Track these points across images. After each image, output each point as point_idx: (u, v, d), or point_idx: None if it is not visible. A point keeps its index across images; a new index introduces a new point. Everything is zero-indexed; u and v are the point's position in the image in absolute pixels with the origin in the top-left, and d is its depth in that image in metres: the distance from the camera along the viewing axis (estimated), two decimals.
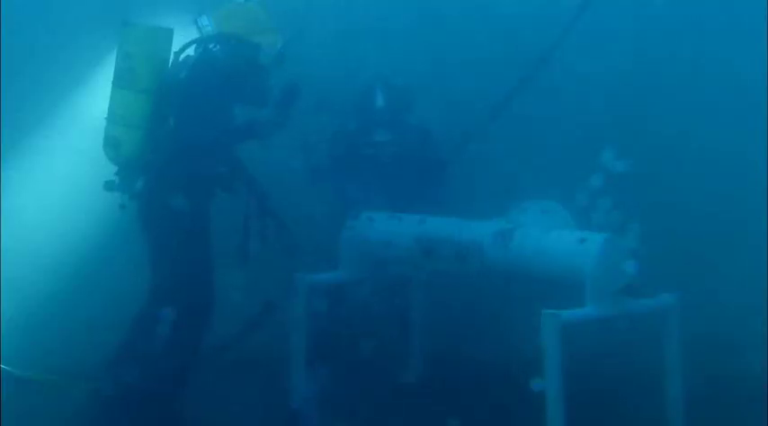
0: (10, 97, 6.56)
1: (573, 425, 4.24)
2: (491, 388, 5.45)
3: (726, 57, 6.65)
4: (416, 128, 6.28)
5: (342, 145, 6.24)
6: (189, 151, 4.71)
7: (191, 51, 4.92)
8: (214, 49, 4.89)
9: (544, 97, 6.60)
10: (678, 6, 6.71)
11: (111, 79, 4.81)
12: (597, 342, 5.22)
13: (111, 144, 4.76)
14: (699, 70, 6.74)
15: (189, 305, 4.75)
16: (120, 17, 4.83)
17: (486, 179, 6.62)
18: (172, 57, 4.88)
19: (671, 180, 6.59)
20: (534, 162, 6.69)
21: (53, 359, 5.99)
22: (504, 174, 6.62)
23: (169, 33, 4.83)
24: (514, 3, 7.00)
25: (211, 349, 5.36)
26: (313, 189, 6.22)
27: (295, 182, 6.11)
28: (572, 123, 6.77)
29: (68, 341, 6.17)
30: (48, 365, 5.90)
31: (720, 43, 6.64)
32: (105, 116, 4.82)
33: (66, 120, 6.63)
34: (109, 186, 4.87)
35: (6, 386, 5.48)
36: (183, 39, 5.01)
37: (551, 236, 4.60)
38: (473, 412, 5.12)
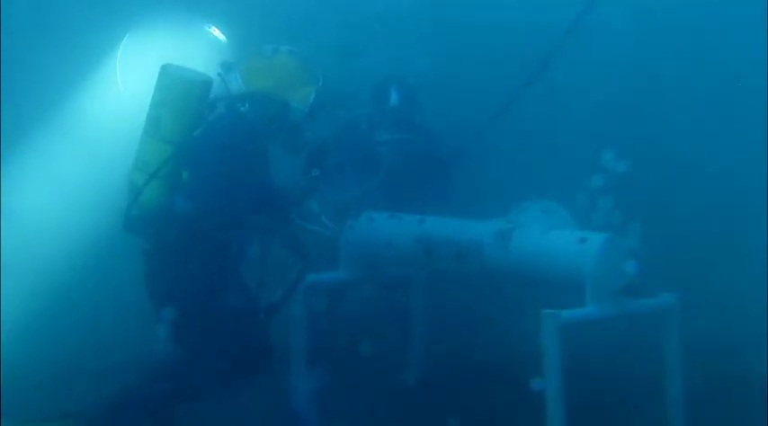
0: (10, 96, 6.56)
1: (573, 425, 4.24)
2: (491, 388, 5.45)
3: (726, 57, 6.66)
4: (424, 127, 6.29)
5: (351, 142, 6.23)
6: (204, 212, 4.48)
7: (220, 108, 4.66)
8: (242, 109, 4.65)
9: (544, 97, 6.59)
10: (679, 6, 6.71)
11: (144, 126, 4.62)
12: (597, 342, 5.22)
13: (132, 189, 4.56)
14: (699, 70, 6.75)
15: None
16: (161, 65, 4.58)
17: (487, 179, 6.62)
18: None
19: (671, 180, 6.59)
20: (534, 161, 6.69)
21: (54, 359, 5.99)
22: (505, 174, 6.63)
23: (207, 84, 4.61)
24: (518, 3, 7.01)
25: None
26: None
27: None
28: (572, 123, 6.77)
29: (69, 342, 6.17)
30: (48, 366, 5.91)
31: (721, 43, 6.64)
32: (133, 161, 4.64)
33: (66, 120, 6.63)
34: (130, 228, 4.61)
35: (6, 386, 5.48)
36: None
37: (551, 236, 4.60)
38: (473, 412, 5.12)
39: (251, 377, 4.60)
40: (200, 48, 5.70)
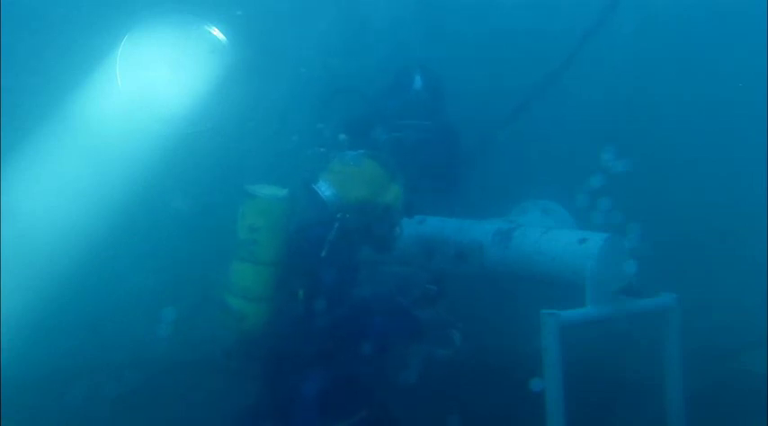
0: (10, 97, 6.56)
1: (573, 425, 4.24)
2: (491, 388, 5.45)
3: (727, 58, 6.66)
4: (444, 117, 6.22)
5: (372, 129, 6.20)
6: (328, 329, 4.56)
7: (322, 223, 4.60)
8: (348, 220, 4.61)
9: (545, 97, 6.60)
10: (680, 7, 6.72)
11: (235, 252, 4.56)
12: (597, 342, 5.22)
13: (234, 317, 4.50)
14: (700, 71, 6.75)
15: None
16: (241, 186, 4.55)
17: (488, 179, 6.62)
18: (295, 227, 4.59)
19: (671, 180, 6.59)
20: (535, 162, 6.69)
21: (54, 359, 5.99)
22: (505, 174, 6.62)
23: (291, 202, 4.56)
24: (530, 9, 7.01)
25: None
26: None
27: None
28: (573, 123, 6.77)
29: (69, 341, 6.17)
30: (48, 365, 5.91)
31: (721, 44, 6.64)
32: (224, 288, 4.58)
33: (66, 119, 6.63)
34: (227, 354, 4.62)
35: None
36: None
37: (551, 236, 4.60)
38: (473, 412, 5.12)
39: None
40: (200, 47, 5.71)
